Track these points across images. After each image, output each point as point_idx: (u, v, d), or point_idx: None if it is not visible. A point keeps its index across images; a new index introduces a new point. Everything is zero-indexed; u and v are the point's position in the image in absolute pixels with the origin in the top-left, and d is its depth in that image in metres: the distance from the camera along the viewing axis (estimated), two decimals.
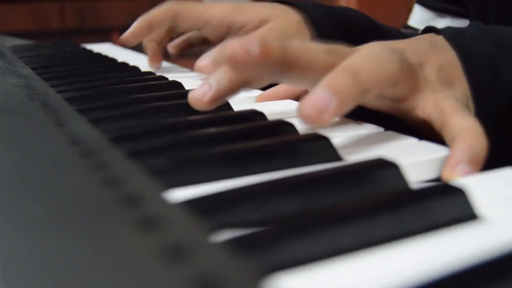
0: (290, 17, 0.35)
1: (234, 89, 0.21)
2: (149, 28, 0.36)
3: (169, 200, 0.13)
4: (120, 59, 0.43)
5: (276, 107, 0.26)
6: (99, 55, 0.47)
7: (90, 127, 0.20)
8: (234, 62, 0.17)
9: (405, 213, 0.12)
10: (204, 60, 0.21)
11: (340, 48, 0.20)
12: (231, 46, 0.17)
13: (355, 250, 0.11)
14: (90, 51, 0.51)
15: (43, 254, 0.10)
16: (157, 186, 0.14)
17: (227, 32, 0.35)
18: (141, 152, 0.17)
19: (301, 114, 0.16)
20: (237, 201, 0.13)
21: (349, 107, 0.17)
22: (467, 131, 0.18)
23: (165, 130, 0.20)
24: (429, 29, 0.25)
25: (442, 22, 0.46)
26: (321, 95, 0.16)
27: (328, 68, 0.18)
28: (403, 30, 0.49)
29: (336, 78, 0.17)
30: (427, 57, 0.22)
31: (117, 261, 0.10)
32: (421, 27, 0.47)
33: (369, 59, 0.19)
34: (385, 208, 0.12)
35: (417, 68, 0.21)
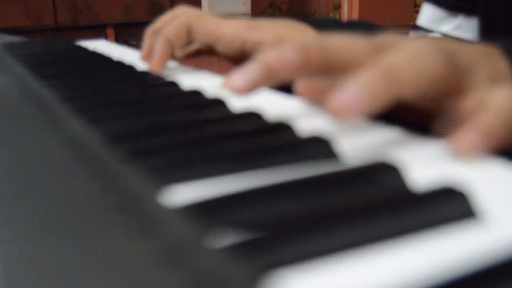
0: (306, 35, 0.34)
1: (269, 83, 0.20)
2: (171, 48, 0.35)
3: (167, 202, 0.13)
4: (115, 56, 0.43)
5: (276, 107, 0.26)
6: (94, 53, 0.47)
7: (86, 127, 0.20)
8: (273, 73, 0.17)
9: (405, 215, 0.12)
10: (239, 79, 0.19)
11: (385, 42, 0.19)
12: (269, 57, 0.17)
13: (355, 251, 0.11)
14: (85, 49, 0.50)
15: (41, 257, 0.10)
16: (155, 187, 0.14)
17: (241, 49, 0.34)
18: (139, 152, 0.17)
19: (329, 107, 0.16)
20: (236, 203, 0.13)
21: (379, 106, 0.17)
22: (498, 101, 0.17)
23: (163, 130, 0.20)
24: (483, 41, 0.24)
25: (455, 22, 0.46)
26: (351, 92, 0.16)
27: (368, 63, 0.18)
28: (411, 32, 0.49)
29: (369, 76, 0.17)
30: (480, 64, 0.21)
31: (115, 264, 0.10)
32: (433, 27, 0.47)
33: (409, 59, 0.18)
34: (386, 210, 0.12)
35: (467, 72, 0.20)
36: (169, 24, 0.36)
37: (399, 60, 0.18)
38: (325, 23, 0.36)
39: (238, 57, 0.35)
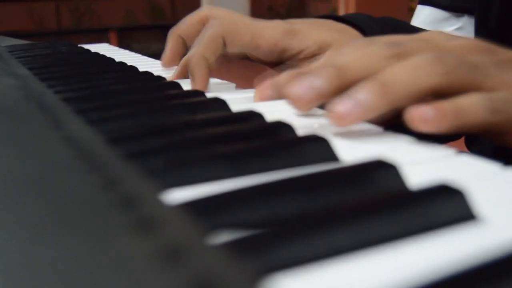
0: (350, 39, 0.32)
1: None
2: (208, 66, 0.31)
3: (167, 202, 0.13)
4: (117, 59, 0.43)
5: (275, 107, 0.26)
6: (96, 55, 0.47)
7: (88, 128, 0.20)
8: (298, 106, 0.20)
9: (403, 214, 0.12)
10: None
11: (404, 47, 0.21)
12: (288, 92, 0.20)
13: (353, 251, 0.11)
14: (88, 51, 0.50)
15: (40, 256, 0.10)
16: (155, 187, 0.14)
17: (279, 58, 0.32)
18: (139, 153, 0.17)
19: (327, 113, 0.19)
20: (235, 203, 0.13)
21: (374, 115, 0.19)
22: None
23: (163, 130, 0.20)
24: None
25: (458, 23, 0.46)
26: (345, 104, 0.19)
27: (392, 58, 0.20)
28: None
29: (363, 91, 0.19)
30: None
31: (114, 263, 0.10)
32: (431, 28, 0.46)
33: (405, 71, 0.19)
34: (384, 209, 0.12)
35: (481, 72, 0.20)
36: (201, 36, 0.31)
37: (396, 72, 0.19)
38: (365, 21, 0.34)
39: (276, 63, 0.33)
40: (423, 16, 0.47)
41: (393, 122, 0.20)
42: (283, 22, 0.32)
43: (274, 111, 0.23)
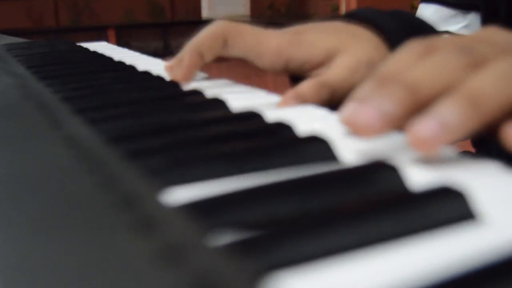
0: (362, 43, 0.30)
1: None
2: (200, 58, 0.30)
3: (166, 202, 0.13)
4: (116, 57, 0.43)
5: (275, 107, 0.26)
6: (95, 53, 0.47)
7: (86, 127, 0.20)
8: (363, 135, 0.16)
9: (404, 215, 0.12)
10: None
11: (477, 53, 0.18)
12: (350, 120, 0.16)
13: (354, 251, 0.11)
14: (86, 50, 0.50)
15: (39, 256, 0.10)
16: (154, 187, 0.14)
17: (284, 68, 0.30)
18: (138, 152, 0.17)
19: (408, 138, 0.16)
20: (235, 203, 0.13)
21: (464, 136, 0.16)
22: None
23: (163, 130, 0.20)
24: None
25: (465, 20, 0.45)
26: (429, 125, 0.15)
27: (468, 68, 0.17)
28: None
29: (450, 108, 0.16)
30: None
31: (114, 263, 0.10)
32: (437, 27, 0.46)
33: (494, 80, 0.16)
34: (384, 210, 0.12)
35: None
36: (202, 31, 0.31)
37: (486, 84, 0.16)
38: (374, 16, 0.31)
39: (279, 73, 0.32)
40: (427, 14, 0.47)
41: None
42: (289, 33, 0.31)
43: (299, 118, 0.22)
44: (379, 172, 0.15)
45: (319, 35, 0.30)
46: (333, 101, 0.28)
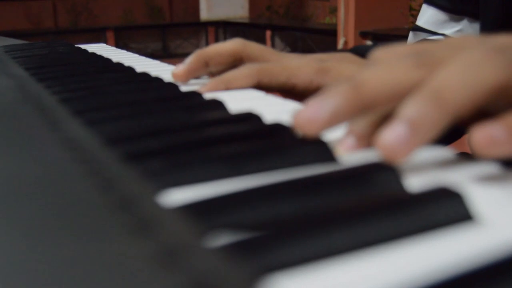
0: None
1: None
2: (203, 66, 0.32)
3: (164, 204, 0.13)
4: (114, 59, 0.43)
5: (275, 108, 0.26)
6: (93, 55, 0.47)
7: (85, 129, 0.20)
8: (306, 132, 0.16)
9: (402, 216, 0.12)
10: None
11: (432, 54, 0.17)
12: (296, 118, 0.16)
13: (351, 252, 0.11)
14: (85, 51, 0.50)
15: (39, 258, 0.10)
16: (152, 188, 0.14)
17: (314, 94, 0.32)
18: (137, 154, 0.17)
19: (378, 146, 0.15)
20: (233, 204, 0.13)
21: (434, 135, 0.15)
22: None
23: (161, 131, 0.20)
24: None
25: (458, 26, 0.46)
26: (396, 131, 0.15)
27: (417, 86, 0.16)
28: (411, 32, 0.49)
29: (417, 108, 0.15)
30: None
31: (112, 265, 0.10)
32: (434, 29, 0.47)
33: (460, 72, 0.16)
34: (382, 211, 0.12)
35: None
36: (237, 70, 0.31)
37: (450, 76, 0.16)
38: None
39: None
40: (427, 16, 0.48)
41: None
42: (314, 60, 0.33)
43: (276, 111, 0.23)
44: (377, 173, 0.15)
45: (340, 63, 0.33)
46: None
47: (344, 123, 0.17)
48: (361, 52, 0.35)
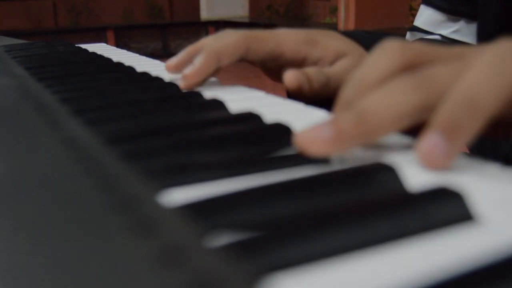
0: (363, 54, 0.33)
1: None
2: (216, 62, 0.30)
3: (165, 203, 0.13)
4: (114, 59, 0.43)
5: (275, 108, 0.26)
6: (94, 54, 0.47)
7: (85, 128, 0.20)
8: (308, 152, 0.16)
9: (402, 216, 0.12)
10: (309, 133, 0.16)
11: (433, 74, 0.17)
12: (300, 137, 0.16)
13: (352, 252, 0.11)
14: (85, 51, 0.50)
15: (39, 258, 0.10)
16: (153, 188, 0.14)
17: (300, 65, 0.33)
18: (137, 154, 0.17)
19: (418, 157, 0.15)
20: (234, 204, 0.13)
21: (470, 139, 0.15)
22: None
23: (161, 131, 0.20)
24: None
25: (455, 26, 0.46)
26: (433, 141, 0.15)
27: (420, 109, 0.16)
28: (409, 33, 0.49)
29: (452, 115, 0.15)
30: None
31: (113, 265, 0.10)
32: (431, 29, 0.47)
33: (488, 75, 0.16)
34: (382, 211, 0.12)
35: None
36: (224, 36, 0.31)
37: (479, 81, 0.16)
38: (368, 40, 0.34)
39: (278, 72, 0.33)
40: (424, 16, 0.48)
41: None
42: (303, 31, 0.33)
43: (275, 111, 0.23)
44: (378, 173, 0.15)
45: (328, 38, 0.33)
46: (328, 90, 0.31)
47: (347, 149, 0.17)
48: (355, 37, 0.35)
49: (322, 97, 0.31)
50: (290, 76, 0.29)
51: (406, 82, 0.17)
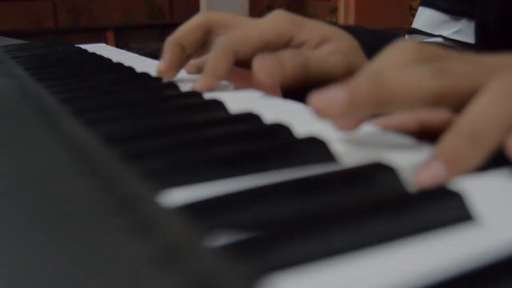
0: (349, 40, 0.33)
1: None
2: (182, 50, 0.32)
3: (164, 203, 0.13)
4: (114, 59, 0.43)
5: (275, 108, 0.26)
6: (93, 55, 0.47)
7: (85, 129, 0.20)
8: (323, 116, 0.16)
9: (402, 216, 0.12)
10: (324, 97, 0.16)
11: (452, 64, 0.17)
12: (315, 100, 0.16)
13: (351, 252, 0.11)
14: (85, 51, 0.50)
15: (38, 258, 0.10)
16: (152, 188, 0.14)
17: (286, 46, 0.32)
18: (136, 154, 0.17)
19: (416, 182, 0.15)
20: (233, 204, 0.13)
21: (471, 169, 0.16)
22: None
23: (161, 131, 0.20)
24: None
25: (456, 26, 0.46)
26: (435, 169, 0.15)
27: (436, 95, 0.17)
28: (407, 35, 0.49)
29: (455, 146, 0.15)
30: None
31: (112, 265, 0.10)
32: (432, 30, 0.47)
33: (494, 106, 0.16)
34: (382, 211, 0.12)
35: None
36: (213, 50, 0.31)
37: (482, 113, 0.16)
38: (360, 32, 0.34)
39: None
40: (424, 17, 0.48)
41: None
42: (284, 13, 0.32)
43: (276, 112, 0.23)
44: (378, 173, 0.15)
45: (316, 23, 0.33)
46: (306, 72, 0.30)
47: (359, 115, 0.17)
48: (354, 33, 0.35)
49: (300, 80, 0.29)
50: (258, 66, 0.27)
51: (425, 67, 0.17)
